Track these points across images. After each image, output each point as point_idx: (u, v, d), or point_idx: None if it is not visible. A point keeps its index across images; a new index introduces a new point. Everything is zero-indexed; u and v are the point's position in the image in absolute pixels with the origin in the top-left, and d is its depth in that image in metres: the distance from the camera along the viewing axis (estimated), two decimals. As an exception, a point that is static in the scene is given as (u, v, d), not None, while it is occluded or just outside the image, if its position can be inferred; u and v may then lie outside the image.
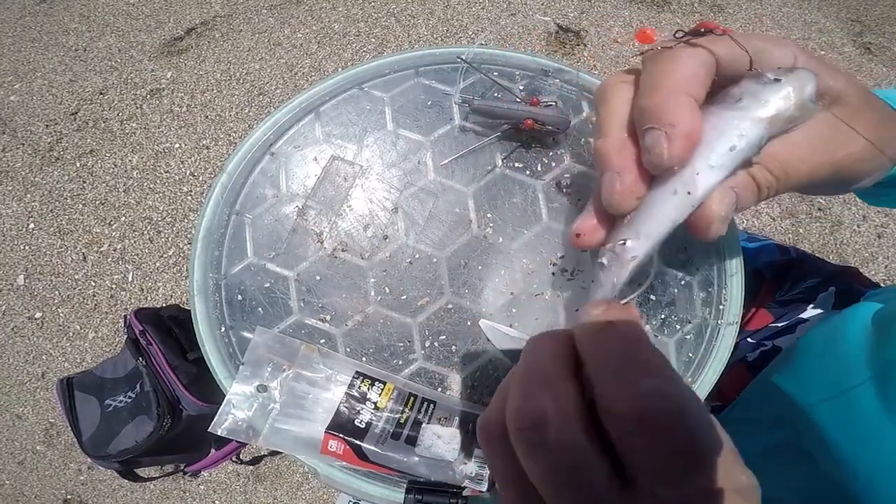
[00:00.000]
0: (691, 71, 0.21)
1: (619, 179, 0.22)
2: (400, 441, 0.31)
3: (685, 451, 0.17)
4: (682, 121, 0.20)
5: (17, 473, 1.25)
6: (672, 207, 0.21)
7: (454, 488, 0.31)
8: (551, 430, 0.18)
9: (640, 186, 0.22)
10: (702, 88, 0.22)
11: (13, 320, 1.34)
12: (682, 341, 0.36)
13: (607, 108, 0.23)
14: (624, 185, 0.22)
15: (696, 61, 0.22)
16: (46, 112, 1.57)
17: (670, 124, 0.20)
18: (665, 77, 0.21)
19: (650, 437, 0.17)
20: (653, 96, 0.21)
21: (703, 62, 0.22)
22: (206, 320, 0.36)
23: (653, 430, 0.17)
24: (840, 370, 0.36)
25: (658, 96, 0.21)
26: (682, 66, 0.21)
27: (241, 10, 1.72)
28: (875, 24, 1.68)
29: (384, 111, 0.41)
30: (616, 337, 0.19)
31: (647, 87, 0.22)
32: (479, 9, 1.67)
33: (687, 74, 0.21)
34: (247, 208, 0.39)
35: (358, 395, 0.33)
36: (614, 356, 0.19)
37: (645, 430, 0.17)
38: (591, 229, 0.24)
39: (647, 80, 0.22)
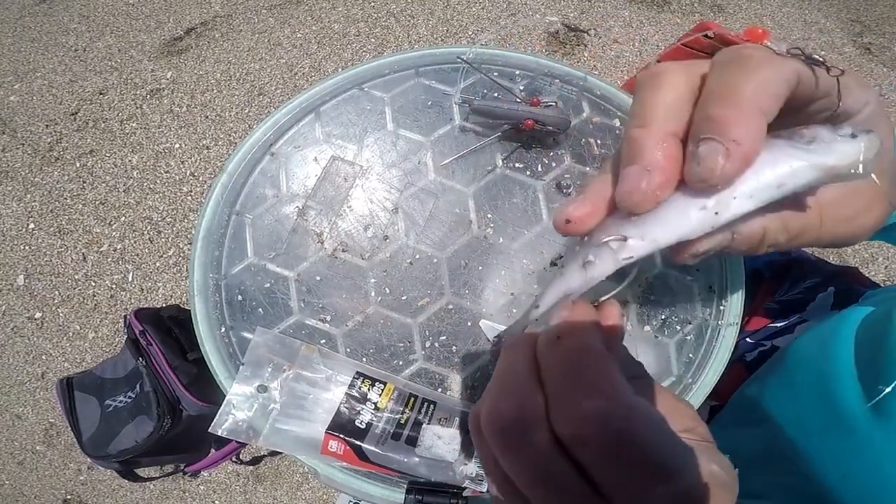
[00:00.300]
0: (774, 89, 0.19)
1: (647, 177, 0.19)
2: (400, 441, 0.31)
3: (639, 467, 0.17)
4: (747, 141, 0.18)
5: (17, 473, 1.25)
6: (692, 222, 0.20)
7: (454, 489, 0.31)
8: (515, 436, 0.18)
9: (666, 191, 0.20)
10: (777, 108, 0.20)
11: (13, 320, 1.34)
12: (683, 342, 0.36)
13: (656, 96, 0.21)
14: (651, 185, 0.19)
15: (781, 77, 0.20)
16: (46, 112, 1.57)
17: (735, 141, 0.18)
18: (743, 86, 0.19)
19: (598, 458, 0.17)
20: (726, 107, 0.19)
21: (786, 79, 0.20)
22: (206, 320, 0.36)
23: (599, 451, 0.17)
24: (828, 377, 0.36)
25: (732, 108, 0.19)
26: (764, 79, 0.19)
27: (241, 10, 1.71)
28: (875, 24, 1.68)
29: (384, 111, 0.41)
30: (566, 349, 0.19)
31: (720, 92, 0.19)
32: (479, 9, 1.67)
33: (769, 91, 0.19)
34: (247, 208, 0.39)
35: (358, 395, 0.33)
36: (561, 372, 0.19)
37: (592, 451, 0.17)
38: (583, 218, 0.22)
39: (722, 84, 0.20)
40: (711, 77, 0.20)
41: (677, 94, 0.20)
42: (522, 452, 0.18)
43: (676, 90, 0.21)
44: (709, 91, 0.20)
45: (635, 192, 0.20)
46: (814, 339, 0.40)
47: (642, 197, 0.20)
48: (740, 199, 0.19)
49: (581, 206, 0.22)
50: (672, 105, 0.20)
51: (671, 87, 0.21)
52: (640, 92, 0.21)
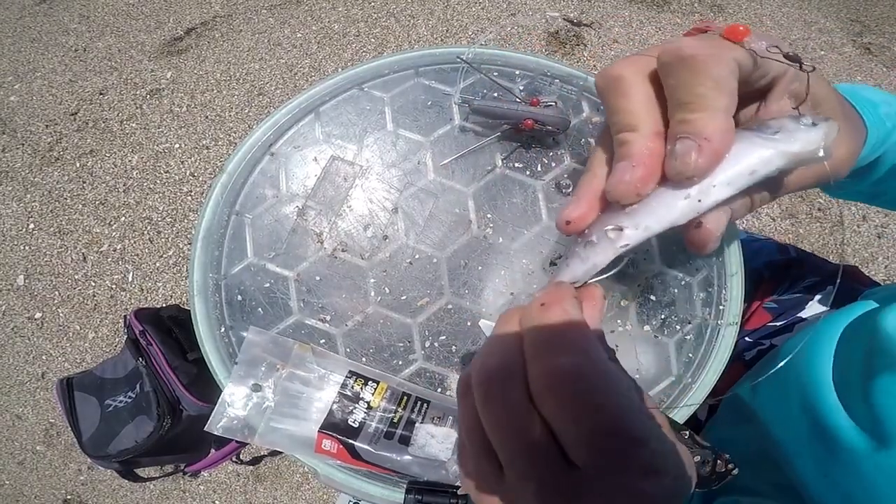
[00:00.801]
0: (727, 85, 0.22)
1: (630, 171, 0.22)
2: (393, 441, 0.31)
3: (605, 427, 0.18)
4: (717, 138, 0.21)
5: (17, 473, 1.25)
6: (679, 210, 0.22)
7: (454, 488, 0.31)
8: (495, 385, 0.20)
9: (649, 183, 0.22)
10: (735, 100, 0.22)
11: (13, 320, 1.34)
12: (683, 341, 0.36)
13: (630, 102, 0.23)
14: (633, 177, 0.22)
15: (729, 72, 0.22)
16: (46, 112, 1.57)
17: (706, 139, 0.21)
18: (702, 90, 0.22)
19: (566, 413, 0.18)
20: (693, 111, 0.22)
21: (733, 72, 0.22)
22: (206, 320, 0.36)
23: (568, 406, 0.18)
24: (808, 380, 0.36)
25: (699, 112, 0.21)
26: (717, 78, 0.22)
27: (241, 10, 1.72)
28: (875, 24, 1.68)
29: (384, 111, 0.41)
30: (548, 314, 0.21)
31: (685, 100, 0.22)
32: (479, 9, 1.67)
33: (725, 90, 0.22)
34: (247, 208, 0.39)
35: (351, 394, 0.33)
36: (541, 333, 0.20)
37: (561, 406, 0.18)
38: (582, 216, 0.24)
39: (682, 91, 0.22)
40: (668, 82, 0.23)
41: (645, 95, 0.23)
42: (499, 403, 0.19)
43: (642, 92, 0.23)
44: (674, 99, 0.22)
45: (621, 183, 0.22)
46: (800, 342, 0.40)
47: (627, 188, 0.22)
48: (720, 187, 0.22)
49: (576, 206, 0.24)
50: (645, 107, 0.23)
51: (637, 91, 0.23)
52: (611, 98, 0.24)
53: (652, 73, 0.24)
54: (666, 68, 0.23)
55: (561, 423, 0.18)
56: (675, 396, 0.35)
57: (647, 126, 0.23)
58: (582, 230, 0.24)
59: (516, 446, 0.19)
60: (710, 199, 0.22)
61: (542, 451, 0.18)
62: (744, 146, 0.22)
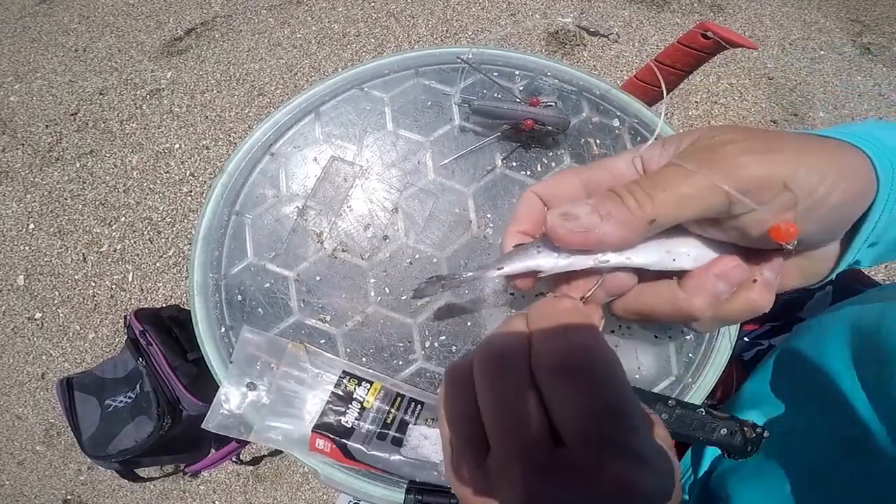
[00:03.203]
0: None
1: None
2: (386, 441, 0.31)
3: (603, 407, 0.18)
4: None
5: (17, 473, 1.25)
6: (656, 258, 0.24)
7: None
8: (498, 362, 0.20)
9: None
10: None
11: (13, 320, 1.34)
12: (683, 342, 0.36)
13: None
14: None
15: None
16: (46, 112, 1.57)
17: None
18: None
19: (573, 390, 0.18)
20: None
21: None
22: (206, 320, 0.36)
23: (571, 379, 0.19)
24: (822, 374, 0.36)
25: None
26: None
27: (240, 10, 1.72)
28: (875, 24, 1.68)
29: (384, 111, 0.41)
30: (559, 306, 0.22)
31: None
32: (479, 9, 1.67)
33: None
34: (247, 208, 0.39)
35: (344, 394, 0.33)
36: (552, 318, 0.21)
37: (567, 382, 0.19)
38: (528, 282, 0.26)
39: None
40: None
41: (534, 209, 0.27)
42: (498, 379, 0.20)
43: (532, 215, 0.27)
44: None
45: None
46: (807, 338, 0.40)
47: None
48: (688, 260, 0.24)
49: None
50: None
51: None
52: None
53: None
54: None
55: (560, 397, 0.19)
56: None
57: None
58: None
59: (507, 423, 0.19)
60: (678, 264, 0.24)
61: (532, 427, 0.19)
62: (703, 244, 0.24)
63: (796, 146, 0.22)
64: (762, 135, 0.23)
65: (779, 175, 0.21)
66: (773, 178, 0.21)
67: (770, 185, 0.21)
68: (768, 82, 1.56)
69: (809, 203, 0.22)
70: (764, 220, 0.22)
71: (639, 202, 0.21)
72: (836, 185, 0.22)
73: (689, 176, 0.21)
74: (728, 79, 1.56)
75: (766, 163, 0.21)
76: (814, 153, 0.22)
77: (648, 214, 0.21)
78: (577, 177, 0.26)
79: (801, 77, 1.57)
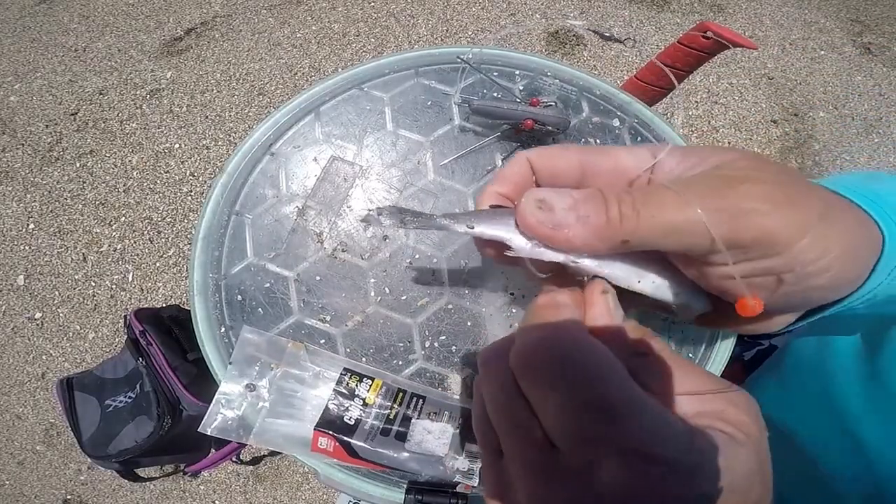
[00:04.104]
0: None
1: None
2: (390, 437, 0.31)
3: (579, 399, 0.17)
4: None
5: (17, 473, 1.25)
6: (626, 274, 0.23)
7: (454, 488, 0.31)
8: (487, 366, 0.20)
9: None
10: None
11: (13, 320, 1.34)
12: (683, 341, 0.36)
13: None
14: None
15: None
16: (46, 112, 1.57)
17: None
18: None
19: (547, 390, 0.17)
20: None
21: None
22: (206, 320, 0.36)
23: (537, 378, 0.18)
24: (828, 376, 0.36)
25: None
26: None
27: (240, 10, 1.72)
28: (875, 24, 1.68)
29: (384, 111, 0.41)
30: (536, 306, 0.21)
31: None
32: (479, 9, 1.67)
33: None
34: (247, 208, 0.39)
35: (346, 391, 0.33)
36: (527, 317, 0.21)
37: (538, 382, 0.18)
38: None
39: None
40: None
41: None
42: (490, 384, 0.20)
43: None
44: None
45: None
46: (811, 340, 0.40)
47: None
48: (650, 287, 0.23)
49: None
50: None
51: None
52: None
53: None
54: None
55: (536, 398, 0.18)
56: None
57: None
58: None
59: (505, 425, 0.19)
60: (645, 282, 0.23)
61: (525, 431, 0.18)
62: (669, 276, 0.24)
63: (815, 209, 0.19)
64: (786, 183, 0.20)
65: (781, 236, 0.19)
66: (773, 237, 0.19)
67: (765, 243, 0.19)
68: (768, 82, 1.56)
69: (795, 275, 0.20)
70: (736, 286, 0.20)
71: (622, 216, 0.19)
72: (832, 266, 0.20)
73: (685, 209, 0.19)
74: (728, 79, 1.56)
75: (774, 217, 0.19)
76: (830, 223, 0.19)
77: (626, 233, 0.19)
78: (579, 156, 0.23)
79: (801, 77, 1.57)
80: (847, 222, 0.21)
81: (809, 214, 0.19)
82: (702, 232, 0.19)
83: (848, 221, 0.21)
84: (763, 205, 0.19)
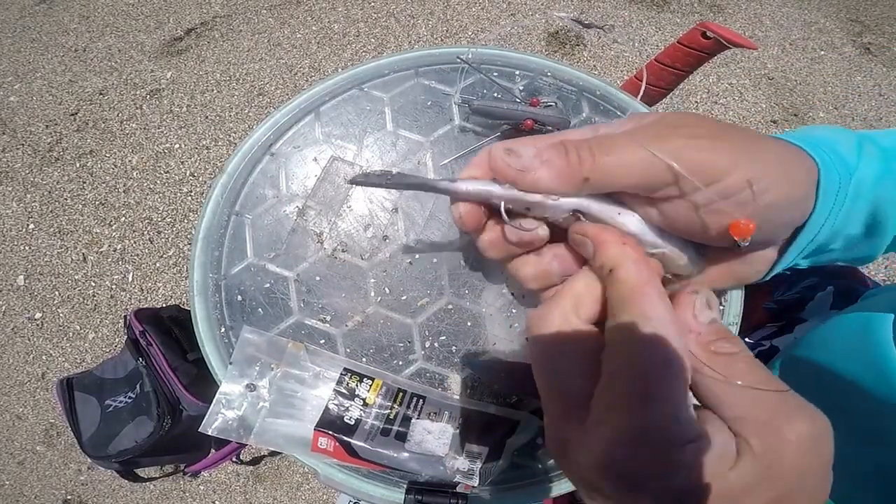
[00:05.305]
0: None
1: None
2: (390, 437, 0.31)
3: (632, 378, 0.18)
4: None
5: (17, 473, 1.25)
6: (603, 207, 0.24)
7: (454, 487, 0.31)
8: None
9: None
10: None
11: (13, 320, 1.34)
12: (682, 341, 0.36)
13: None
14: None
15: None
16: (46, 112, 1.57)
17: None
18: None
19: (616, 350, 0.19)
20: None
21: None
22: (206, 321, 0.36)
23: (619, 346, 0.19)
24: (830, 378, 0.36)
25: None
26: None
27: (240, 10, 1.72)
28: (875, 24, 1.68)
29: (384, 111, 0.41)
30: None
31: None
32: (479, 9, 1.67)
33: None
34: (247, 208, 0.39)
35: (346, 391, 0.33)
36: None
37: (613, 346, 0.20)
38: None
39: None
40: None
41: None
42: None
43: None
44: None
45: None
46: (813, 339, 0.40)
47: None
48: (633, 223, 0.24)
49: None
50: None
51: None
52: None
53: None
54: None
55: (609, 358, 0.20)
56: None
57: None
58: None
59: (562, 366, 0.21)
60: (623, 220, 0.24)
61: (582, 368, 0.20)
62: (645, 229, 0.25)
63: (742, 141, 0.23)
64: (713, 126, 0.23)
65: (717, 164, 0.22)
66: (712, 166, 0.22)
67: (706, 173, 0.21)
68: (768, 82, 1.56)
69: (741, 197, 0.22)
70: (722, 214, 0.22)
71: (580, 158, 0.22)
72: (770, 186, 0.22)
73: (635, 147, 0.22)
74: (728, 79, 1.56)
75: (707, 150, 0.22)
76: (757, 150, 0.23)
77: (586, 171, 0.22)
78: (535, 144, 0.26)
79: (801, 77, 1.57)
80: (774, 147, 0.24)
81: (733, 143, 0.22)
82: (652, 163, 0.22)
83: (775, 147, 0.24)
84: (692, 141, 0.22)
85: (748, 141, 0.23)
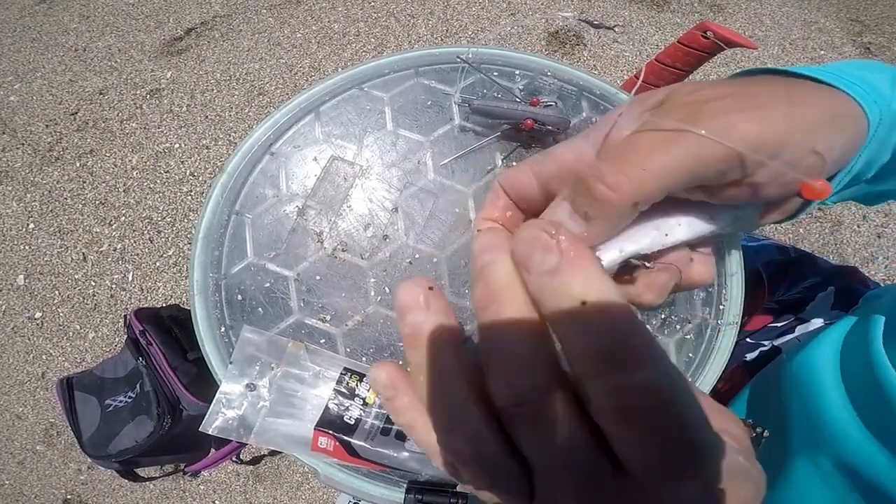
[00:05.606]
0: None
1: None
2: (390, 437, 0.31)
3: (677, 449, 0.13)
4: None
5: (17, 473, 1.25)
6: (648, 239, 0.22)
7: (454, 487, 0.31)
8: (533, 407, 0.15)
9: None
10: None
11: (13, 320, 1.34)
12: (683, 341, 0.36)
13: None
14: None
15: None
16: (46, 112, 1.57)
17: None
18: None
19: (639, 435, 0.13)
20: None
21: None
22: (206, 320, 0.36)
23: (641, 427, 0.13)
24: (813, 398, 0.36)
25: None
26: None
27: (240, 10, 1.72)
28: (875, 24, 1.68)
29: (384, 111, 0.41)
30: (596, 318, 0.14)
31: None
32: (479, 9, 1.67)
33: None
34: (247, 208, 0.39)
35: (346, 390, 0.33)
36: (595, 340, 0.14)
37: (633, 428, 0.13)
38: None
39: None
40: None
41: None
42: (542, 423, 0.16)
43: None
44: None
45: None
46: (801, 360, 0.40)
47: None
48: (682, 231, 0.22)
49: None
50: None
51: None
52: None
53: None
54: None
55: (639, 451, 0.14)
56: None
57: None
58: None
59: (569, 467, 0.14)
60: (673, 238, 0.22)
61: (605, 481, 0.14)
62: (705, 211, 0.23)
63: (785, 101, 0.20)
64: (741, 89, 0.20)
65: (774, 134, 0.19)
66: (770, 137, 0.19)
67: (768, 145, 0.19)
68: (768, 82, 1.56)
69: (809, 162, 0.20)
70: (789, 180, 0.20)
71: (611, 186, 0.18)
72: (833, 144, 0.20)
73: (674, 141, 0.18)
74: (728, 79, 1.55)
75: (759, 121, 0.19)
76: (805, 106, 0.20)
77: (628, 197, 0.18)
78: (531, 168, 0.23)
79: (802, 77, 1.57)
80: (820, 100, 0.21)
81: (779, 107, 0.20)
82: (704, 156, 0.18)
83: (820, 99, 0.22)
84: (739, 115, 0.19)
85: (790, 98, 0.20)
